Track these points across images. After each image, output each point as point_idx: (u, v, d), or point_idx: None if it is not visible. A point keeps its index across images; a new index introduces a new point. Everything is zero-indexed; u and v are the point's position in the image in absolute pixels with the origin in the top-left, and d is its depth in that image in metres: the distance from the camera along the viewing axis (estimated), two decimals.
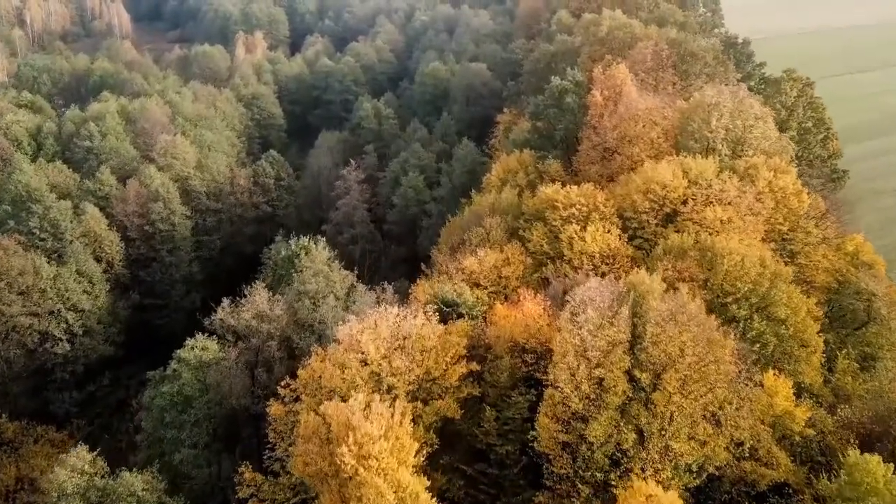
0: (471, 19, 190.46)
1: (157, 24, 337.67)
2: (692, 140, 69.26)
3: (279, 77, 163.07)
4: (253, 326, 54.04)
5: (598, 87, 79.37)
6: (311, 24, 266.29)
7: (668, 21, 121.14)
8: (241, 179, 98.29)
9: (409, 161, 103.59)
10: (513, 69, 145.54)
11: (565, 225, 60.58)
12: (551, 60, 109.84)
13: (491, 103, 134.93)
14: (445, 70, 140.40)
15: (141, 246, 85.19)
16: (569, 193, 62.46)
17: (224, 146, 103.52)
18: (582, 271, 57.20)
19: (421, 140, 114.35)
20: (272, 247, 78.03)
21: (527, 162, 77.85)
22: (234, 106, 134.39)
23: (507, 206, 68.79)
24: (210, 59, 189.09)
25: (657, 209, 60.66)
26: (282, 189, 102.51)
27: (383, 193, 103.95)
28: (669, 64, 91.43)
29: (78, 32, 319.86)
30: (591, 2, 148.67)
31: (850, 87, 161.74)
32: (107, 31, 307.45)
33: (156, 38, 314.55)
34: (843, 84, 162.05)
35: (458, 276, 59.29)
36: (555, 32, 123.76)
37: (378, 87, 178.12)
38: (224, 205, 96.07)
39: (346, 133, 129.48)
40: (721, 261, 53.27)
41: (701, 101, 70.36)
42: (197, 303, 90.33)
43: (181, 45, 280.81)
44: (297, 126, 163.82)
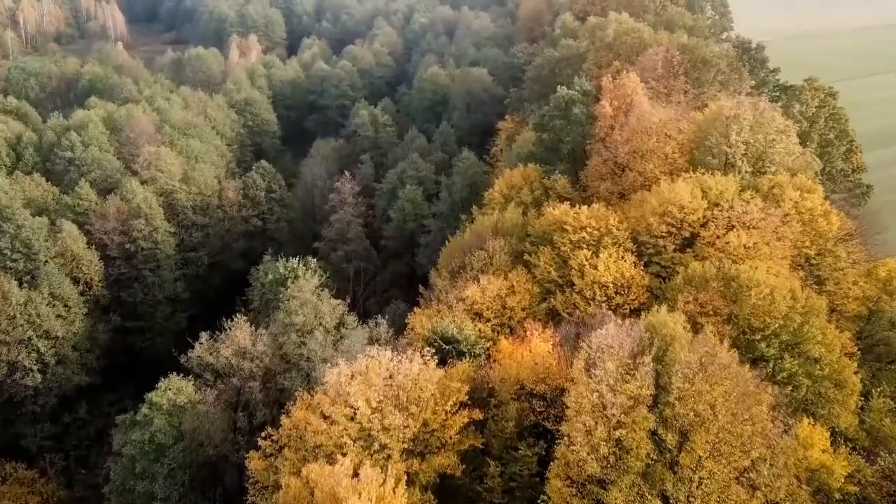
0: (471, 21, 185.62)
1: (152, 26, 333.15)
2: (710, 155, 64.47)
3: (273, 81, 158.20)
4: (233, 365, 49.14)
5: (608, 97, 74.56)
6: (308, 25, 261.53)
7: (677, 25, 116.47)
8: (230, 192, 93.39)
9: (407, 172, 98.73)
10: (514, 74, 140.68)
11: (575, 250, 55.77)
12: (555, 66, 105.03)
13: (492, 109, 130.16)
14: (445, 75, 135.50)
15: (122, 265, 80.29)
16: (578, 215, 57.65)
17: (213, 156, 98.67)
18: (594, 303, 52.41)
19: (419, 149, 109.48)
20: (260, 267, 73.16)
21: (531, 177, 73.04)
22: (225, 112, 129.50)
23: (510, 226, 63.98)
24: (203, 63, 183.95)
25: (675, 233, 55.82)
26: (273, 202, 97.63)
27: (380, 206, 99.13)
28: (681, 71, 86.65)
29: (72, 34, 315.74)
30: (595, 4, 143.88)
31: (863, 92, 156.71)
32: (101, 33, 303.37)
33: (151, 40, 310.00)
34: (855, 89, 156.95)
35: (459, 307, 54.49)
36: (559, 37, 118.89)
37: (375, 91, 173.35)
38: (211, 219, 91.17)
39: (342, 141, 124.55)
40: (747, 293, 48.43)
41: (719, 114, 65.53)
42: (183, 323, 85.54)
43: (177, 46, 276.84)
44: (292, 132, 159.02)
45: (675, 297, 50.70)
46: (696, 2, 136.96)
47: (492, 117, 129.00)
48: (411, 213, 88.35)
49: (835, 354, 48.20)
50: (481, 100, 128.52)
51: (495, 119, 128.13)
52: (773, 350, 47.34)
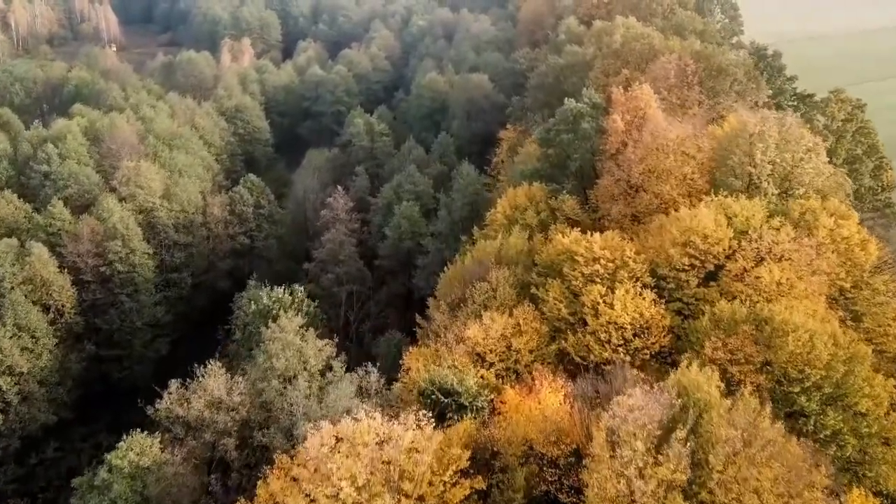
0: (470, 24, 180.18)
1: (148, 27, 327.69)
2: (732, 176, 59.08)
3: (266, 87, 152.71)
4: (206, 418, 43.70)
5: (619, 111, 69.18)
6: (304, 27, 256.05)
7: (687, 29, 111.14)
8: (216, 208, 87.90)
9: (404, 186, 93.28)
10: (516, 80, 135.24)
11: (588, 284, 50.34)
12: (560, 74, 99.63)
13: (493, 118, 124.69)
14: (444, 82, 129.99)
15: (97, 290, 74.79)
16: (591, 244, 52.20)
17: (198, 169, 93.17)
18: (610, 346, 46.97)
19: (417, 161, 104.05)
20: (244, 294, 67.76)
21: (537, 197, 67.59)
22: (214, 120, 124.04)
23: (515, 253, 58.55)
24: (195, 67, 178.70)
25: (698, 266, 50.38)
26: (261, 217, 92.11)
27: (375, 222, 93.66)
28: (695, 81, 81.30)
29: (66, 35, 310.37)
30: (600, 7, 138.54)
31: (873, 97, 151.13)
32: (94, 35, 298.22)
33: (146, 42, 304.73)
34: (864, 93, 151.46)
35: (460, 349, 49.04)
36: (563, 42, 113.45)
37: (372, 97, 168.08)
38: (195, 238, 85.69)
39: (336, 151, 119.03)
40: (783, 339, 43.05)
41: (742, 130, 60.12)
42: (163, 350, 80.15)
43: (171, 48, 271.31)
44: (285, 139, 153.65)
45: (702, 341, 45.34)
46: (706, 5, 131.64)
47: (493, 126, 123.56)
48: (408, 231, 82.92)
49: (883, 408, 42.85)
50: (482, 107, 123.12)
51: (496, 127, 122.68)
52: (813, 404, 41.98)
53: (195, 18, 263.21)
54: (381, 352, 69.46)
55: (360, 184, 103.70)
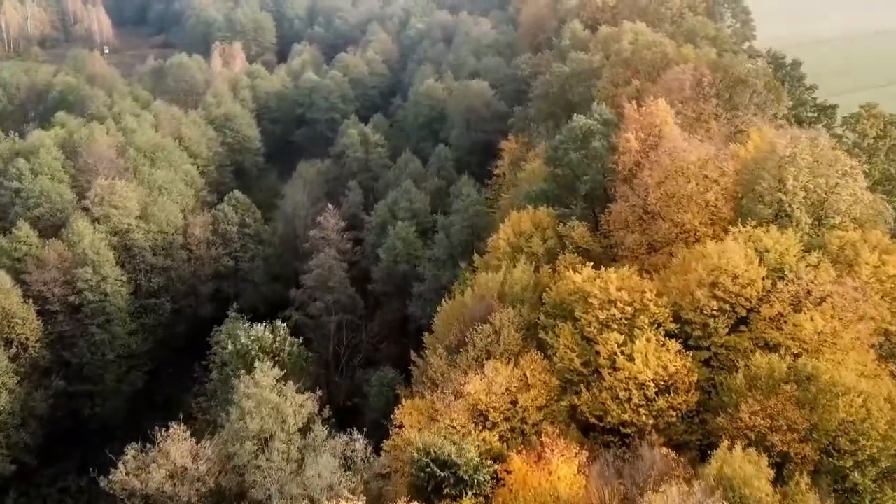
0: (470, 28, 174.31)
1: (142, 29, 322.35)
2: (761, 203, 53.32)
3: (258, 93, 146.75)
4: (167, 492, 37.91)
5: (632, 128, 63.41)
6: (300, 30, 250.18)
7: (699, 35, 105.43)
8: (197, 229, 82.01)
9: (399, 203, 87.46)
10: (518, 87, 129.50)
11: (603, 331, 44.57)
12: (565, 83, 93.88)
13: (494, 127, 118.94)
14: (442, 89, 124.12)
15: (65, 321, 69.07)
16: (606, 284, 46.41)
17: (180, 185, 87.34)
18: (630, 406, 41.18)
19: (413, 174, 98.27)
20: (222, 328, 62.00)
21: (543, 222, 61.77)
22: (202, 130, 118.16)
23: (520, 289, 52.79)
24: (186, 71, 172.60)
25: (728, 311, 44.60)
26: (247, 237, 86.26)
27: (368, 241, 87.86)
28: (712, 93, 75.57)
29: (58, 37, 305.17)
30: (605, 11, 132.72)
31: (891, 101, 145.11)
32: (86, 37, 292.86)
33: (140, 43, 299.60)
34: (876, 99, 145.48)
35: (459, 405, 43.29)
36: (567, 48, 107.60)
37: (368, 102, 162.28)
38: (175, 261, 79.82)
39: (329, 162, 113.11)
40: (832, 403, 37.35)
41: (771, 152, 54.37)
42: (138, 384, 74.44)
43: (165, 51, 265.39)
44: (278, 148, 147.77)
45: (736, 402, 39.62)
46: (716, 9, 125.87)
47: (494, 135, 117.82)
48: (403, 254, 77.11)
49: None
50: (482, 116, 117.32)
51: (497, 137, 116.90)
52: (868, 480, 36.27)
53: (188, 20, 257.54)
54: (372, 390, 63.70)
55: (353, 199, 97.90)
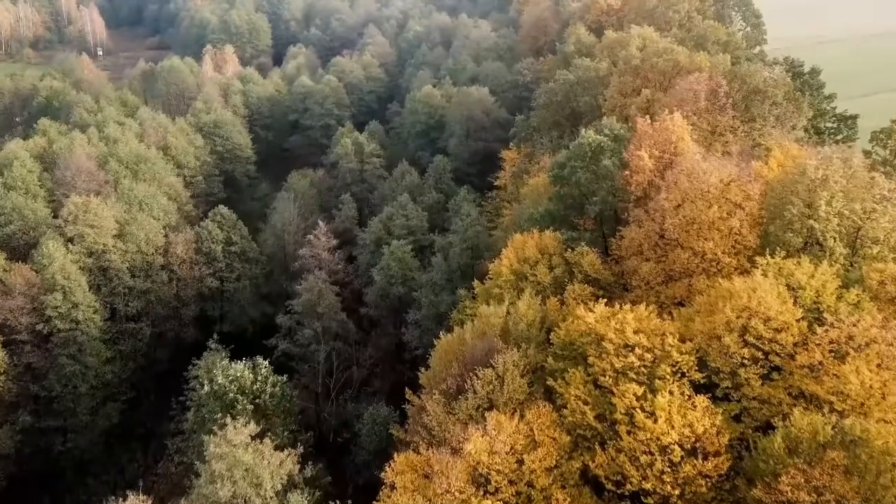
0: (470, 30, 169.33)
1: (137, 29, 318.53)
2: (790, 231, 48.41)
3: (250, 98, 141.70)
4: None
5: (646, 144, 58.48)
6: (296, 32, 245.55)
7: (709, 41, 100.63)
8: (179, 248, 76.96)
9: (395, 219, 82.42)
10: (520, 93, 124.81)
11: (620, 381, 39.61)
12: (570, 91, 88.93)
13: (494, 135, 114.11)
14: (441, 95, 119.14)
15: (33, 352, 64.06)
16: (623, 326, 41.47)
17: (162, 200, 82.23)
18: (652, 472, 36.22)
19: (410, 187, 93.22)
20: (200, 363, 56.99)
21: (549, 247, 56.78)
22: (189, 138, 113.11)
23: (526, 326, 47.83)
24: (177, 75, 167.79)
25: (762, 359, 39.62)
26: (233, 256, 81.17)
27: (362, 260, 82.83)
28: (729, 104, 70.81)
29: (51, 39, 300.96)
30: (610, 14, 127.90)
31: None
32: (79, 38, 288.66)
33: (134, 45, 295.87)
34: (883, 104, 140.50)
35: (458, 467, 38.31)
36: (572, 54, 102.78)
37: (365, 108, 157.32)
38: (155, 283, 74.77)
39: (322, 173, 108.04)
40: (888, 473, 32.43)
41: (801, 174, 49.44)
42: (114, 417, 69.27)
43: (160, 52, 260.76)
44: (270, 155, 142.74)
45: (774, 469, 34.66)
46: (725, 12, 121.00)
47: (494, 144, 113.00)
48: (398, 275, 72.08)
49: None
50: (482, 125, 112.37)
51: (498, 146, 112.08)
52: None
53: (182, 22, 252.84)
54: (364, 428, 58.69)
55: (346, 213, 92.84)
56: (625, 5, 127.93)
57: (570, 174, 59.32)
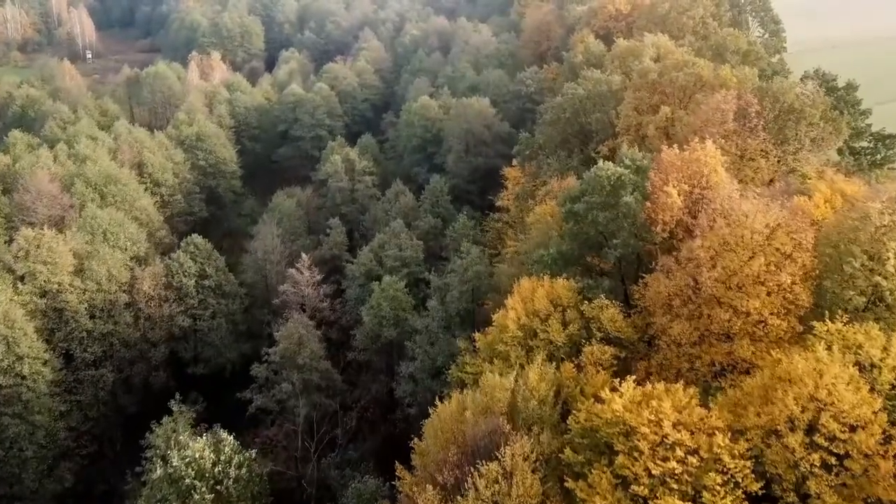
0: (469, 35, 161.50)
1: (129, 31, 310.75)
2: (850, 289, 40.75)
3: (237, 108, 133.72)
4: None
5: (673, 176, 50.82)
6: (290, 35, 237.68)
7: (728, 49, 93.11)
8: (146, 283, 69.17)
9: (387, 248, 74.65)
10: (523, 104, 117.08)
11: (659, 492, 31.86)
12: (579, 107, 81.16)
13: (496, 150, 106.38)
14: (438, 106, 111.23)
15: None
16: (658, 416, 33.73)
17: (130, 228, 74.31)
18: None
19: (404, 210, 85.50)
20: (159, 430, 49.16)
21: (563, 297, 48.98)
22: (169, 153, 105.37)
23: (538, 404, 40.14)
24: (163, 82, 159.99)
25: (836, 465, 31.85)
26: (207, 291, 73.30)
27: (350, 294, 74.99)
28: (760, 125, 63.20)
29: (40, 41, 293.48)
30: (619, 20, 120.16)
31: None
32: (68, 41, 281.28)
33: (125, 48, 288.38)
34: None
35: None
36: (580, 64, 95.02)
37: (359, 117, 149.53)
38: (118, 324, 66.99)
39: (310, 191, 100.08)
40: None
41: (863, 220, 41.78)
42: (69, 479, 61.39)
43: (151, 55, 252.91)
44: (259, 167, 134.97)
45: None
46: (742, 17, 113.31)
47: (496, 160, 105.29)
48: (390, 317, 64.31)
49: None
50: (483, 139, 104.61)
51: (500, 162, 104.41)
52: None
53: (172, 25, 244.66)
54: None
55: (334, 238, 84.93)
56: (634, 10, 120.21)
57: (586, 212, 51.53)
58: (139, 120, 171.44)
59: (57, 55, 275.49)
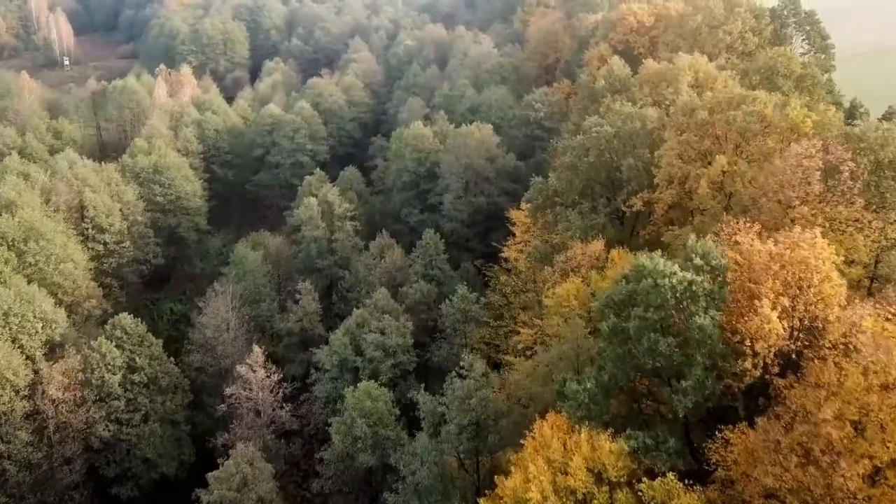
0: (468, 46, 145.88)
1: (113, 35, 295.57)
2: None
3: (207, 131, 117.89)
4: None
5: (766, 285, 35.36)
6: (277, 42, 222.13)
7: (779, 73, 77.78)
8: (53, 387, 53.55)
9: (367, 327, 59.05)
10: (531, 131, 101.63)
11: None
12: (606, 148, 65.54)
13: (500, 187, 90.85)
14: (433, 135, 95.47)
15: None
16: None
17: (42, 306, 58.65)
18: None
19: (390, 273, 69.94)
20: None
21: (608, 465, 33.50)
22: (119, 189, 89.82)
23: None
24: (132, 97, 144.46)
25: None
26: (137, 387, 57.52)
27: (320, 390, 58.99)
28: (855, 188, 48.02)
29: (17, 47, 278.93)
30: (641, 33, 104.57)
31: None
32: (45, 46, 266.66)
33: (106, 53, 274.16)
34: None
35: None
36: (602, 91, 79.39)
37: (346, 139, 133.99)
38: (13, 443, 51.44)
39: (280, 239, 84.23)
40: None
41: None
42: None
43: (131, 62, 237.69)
44: (232, 197, 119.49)
45: None
46: (785, 31, 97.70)
47: (500, 199, 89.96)
48: (367, 438, 48.74)
49: None
50: (485, 175, 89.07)
51: (505, 201, 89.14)
52: None
53: (151, 31, 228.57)
54: None
55: (304, 307, 69.16)
56: (659, 22, 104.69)
57: (638, 333, 35.89)
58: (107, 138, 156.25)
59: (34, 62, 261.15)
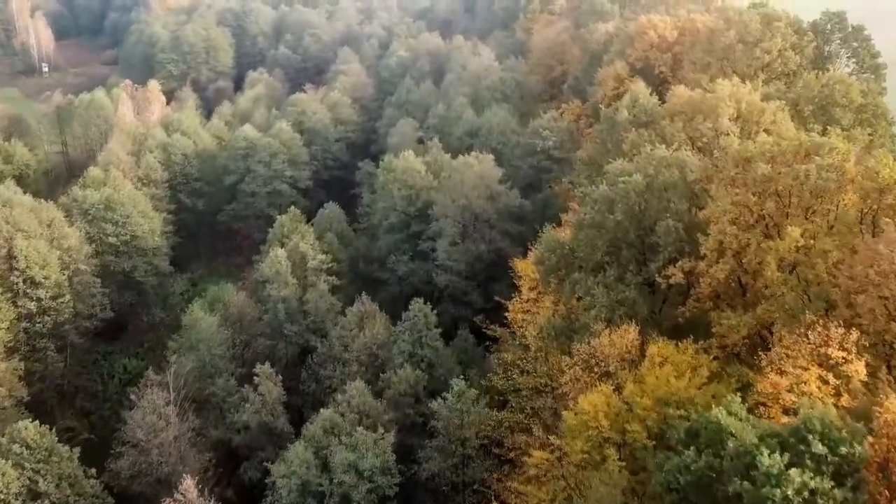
0: (467, 58, 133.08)
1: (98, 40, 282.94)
2: None
3: (174, 157, 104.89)
4: None
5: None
6: (264, 49, 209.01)
7: (837, 103, 65.43)
8: None
9: (337, 442, 46.31)
10: (538, 162, 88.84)
11: None
12: (635, 204, 52.62)
13: (503, 230, 78.07)
14: (426, 169, 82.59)
15: None
16: None
17: None
18: None
19: (370, 350, 57.17)
20: None
21: None
22: (61, 232, 77.14)
23: None
24: (98, 112, 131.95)
25: None
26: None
27: None
28: None
29: None
30: (662, 50, 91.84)
31: None
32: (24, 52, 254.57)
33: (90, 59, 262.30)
34: None
35: None
36: (625, 123, 66.60)
37: (331, 162, 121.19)
38: None
39: (243, 296, 71.29)
40: None
41: None
42: None
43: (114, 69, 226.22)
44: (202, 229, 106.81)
45: None
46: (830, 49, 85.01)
47: (503, 243, 77.28)
48: None
49: None
50: (486, 218, 76.34)
51: (508, 246, 76.59)
52: None
53: (130, 37, 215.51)
54: None
55: (265, 395, 56.18)
56: (683, 37, 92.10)
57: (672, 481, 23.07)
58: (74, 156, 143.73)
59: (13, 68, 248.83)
